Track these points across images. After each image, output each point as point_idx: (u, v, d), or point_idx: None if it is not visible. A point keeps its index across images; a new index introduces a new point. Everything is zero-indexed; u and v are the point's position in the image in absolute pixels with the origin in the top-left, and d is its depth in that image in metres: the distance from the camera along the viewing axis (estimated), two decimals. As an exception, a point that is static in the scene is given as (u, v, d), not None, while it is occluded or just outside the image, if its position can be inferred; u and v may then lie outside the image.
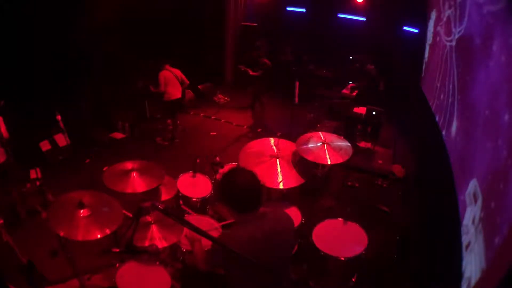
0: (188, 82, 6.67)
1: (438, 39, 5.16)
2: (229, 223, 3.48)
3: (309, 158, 3.49)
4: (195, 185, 3.91)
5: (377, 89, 8.01)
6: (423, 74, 6.52)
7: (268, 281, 2.05)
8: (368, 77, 8.19)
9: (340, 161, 3.55)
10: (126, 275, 2.74)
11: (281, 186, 3.38)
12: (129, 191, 3.16)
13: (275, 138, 3.81)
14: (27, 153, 5.63)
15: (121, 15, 7.04)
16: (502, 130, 2.19)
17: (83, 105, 7.04)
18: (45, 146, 5.82)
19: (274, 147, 3.69)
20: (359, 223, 3.37)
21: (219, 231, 3.23)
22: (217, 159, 4.01)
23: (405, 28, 8.22)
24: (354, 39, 8.92)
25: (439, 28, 5.17)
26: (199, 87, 8.76)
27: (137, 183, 3.22)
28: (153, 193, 3.39)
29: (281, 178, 3.41)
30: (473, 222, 2.47)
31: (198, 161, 4.11)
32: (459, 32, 3.81)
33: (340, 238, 3.26)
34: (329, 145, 3.63)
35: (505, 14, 2.42)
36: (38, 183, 4.92)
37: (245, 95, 8.17)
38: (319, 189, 4.70)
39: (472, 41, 3.25)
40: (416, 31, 7.90)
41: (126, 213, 2.88)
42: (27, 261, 3.45)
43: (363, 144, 6.52)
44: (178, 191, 3.74)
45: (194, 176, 4.01)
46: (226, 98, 9.00)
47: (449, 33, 4.30)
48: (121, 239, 2.90)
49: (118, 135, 7.03)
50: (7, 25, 5.60)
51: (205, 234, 1.86)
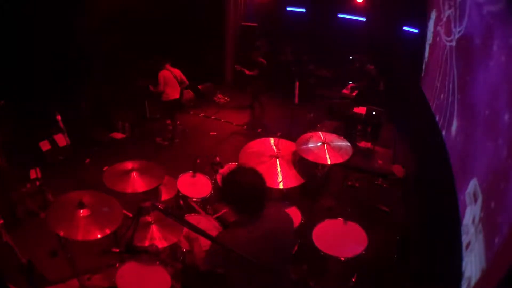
0: (187, 82, 6.66)
1: (438, 39, 5.16)
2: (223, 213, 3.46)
3: (309, 158, 3.49)
4: (195, 185, 3.91)
5: (377, 89, 8.00)
6: (423, 74, 6.52)
7: (268, 281, 2.05)
8: (368, 77, 8.18)
9: (340, 161, 3.55)
10: (126, 275, 2.74)
11: (281, 186, 3.37)
12: (129, 191, 3.16)
13: (275, 138, 3.81)
14: (27, 153, 5.64)
15: (121, 15, 7.05)
16: (502, 130, 2.19)
17: (83, 105, 7.04)
18: (45, 146, 5.81)
19: (274, 147, 3.69)
20: (359, 223, 3.37)
21: (219, 230, 3.23)
22: (217, 159, 4.01)
23: (405, 28, 8.22)
24: (354, 39, 8.92)
25: (439, 28, 5.17)
26: (199, 87, 8.75)
27: (137, 183, 3.22)
28: (153, 193, 3.40)
29: (281, 178, 3.41)
30: (473, 222, 2.47)
31: (198, 161, 4.11)
32: (459, 32, 3.81)
33: (340, 238, 3.26)
34: (329, 145, 3.63)
35: (505, 14, 2.42)
36: (38, 183, 4.92)
37: (245, 95, 8.18)
38: (319, 189, 4.69)
39: (472, 41, 3.25)
40: (416, 31, 7.90)
41: (126, 213, 2.88)
42: (27, 261, 3.44)
43: (363, 144, 6.52)
44: (178, 191, 3.74)
45: (194, 176, 4.01)
46: (226, 98, 9.00)
47: (449, 33, 4.30)
48: (121, 239, 2.90)
49: (118, 135, 7.02)
50: (7, 25, 5.61)
51: (205, 234, 1.86)
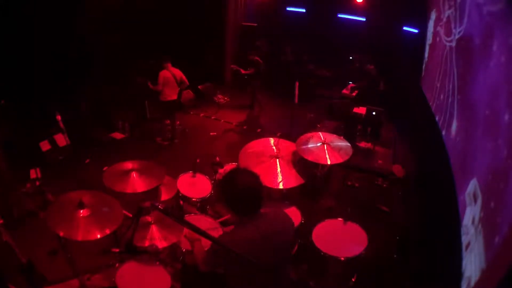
0: (188, 83, 6.67)
1: (438, 39, 5.16)
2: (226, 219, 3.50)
3: (309, 158, 3.49)
4: (195, 185, 3.91)
5: (377, 89, 8.01)
6: (423, 74, 6.53)
7: (268, 281, 2.05)
8: (368, 77, 8.19)
9: (340, 161, 3.55)
10: (126, 275, 2.74)
11: (281, 186, 3.37)
12: (129, 191, 3.17)
13: (275, 138, 3.81)
14: (27, 153, 5.64)
15: (121, 15, 7.05)
16: (502, 130, 2.19)
17: (83, 105, 7.04)
18: (45, 146, 5.81)
19: (274, 147, 3.69)
20: (359, 223, 3.37)
21: (219, 230, 3.23)
22: (217, 159, 4.01)
23: (405, 28, 8.23)
24: (354, 39, 8.93)
25: (439, 28, 5.17)
26: (199, 87, 8.75)
27: (137, 183, 3.22)
28: (153, 193, 3.40)
29: (281, 178, 3.41)
30: (473, 222, 2.47)
31: (198, 161, 4.11)
32: (459, 32, 3.81)
33: (340, 238, 3.26)
34: (329, 145, 3.63)
35: (505, 14, 2.42)
36: (38, 183, 4.92)
37: (245, 95, 8.19)
38: (319, 189, 4.69)
39: (472, 41, 3.25)
40: (416, 31, 7.90)
41: (126, 213, 2.88)
42: (27, 261, 3.44)
43: (363, 144, 6.52)
44: (178, 191, 3.74)
45: (194, 176, 4.01)
46: (226, 98, 9.00)
47: (449, 33, 4.29)
48: (121, 239, 2.91)
49: (118, 135, 7.03)
50: (7, 25, 5.60)
51: (205, 234, 1.85)
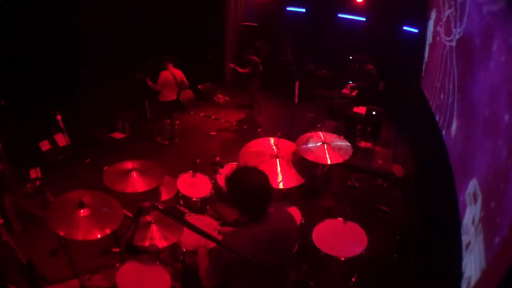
0: (188, 84, 6.68)
1: (438, 39, 5.16)
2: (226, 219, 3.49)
3: (309, 158, 3.48)
4: (195, 185, 3.91)
5: (377, 89, 8.01)
6: (423, 74, 6.52)
7: (269, 281, 2.05)
8: (368, 77, 8.18)
9: (340, 161, 3.54)
10: (126, 275, 2.73)
11: (281, 186, 3.36)
12: (129, 191, 3.16)
13: (275, 138, 3.81)
14: (27, 153, 5.64)
15: (121, 15, 7.04)
16: (502, 130, 2.19)
17: (83, 105, 7.04)
18: (45, 146, 5.81)
19: (274, 147, 3.68)
20: (359, 223, 3.37)
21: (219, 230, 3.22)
22: (217, 159, 4.01)
23: (405, 28, 8.23)
24: (354, 39, 8.93)
25: (439, 28, 5.17)
26: (199, 87, 8.75)
27: (137, 183, 3.22)
28: (153, 193, 3.40)
29: (281, 178, 3.40)
30: (473, 222, 2.47)
31: (198, 161, 4.11)
32: (459, 32, 3.81)
33: (340, 238, 3.26)
34: (329, 145, 3.63)
35: (505, 14, 2.42)
36: (38, 183, 4.92)
37: (245, 95, 8.19)
38: (319, 189, 4.69)
39: (472, 41, 3.25)
40: (416, 31, 7.90)
41: (126, 213, 2.88)
42: (27, 261, 3.44)
43: (363, 144, 6.52)
44: (178, 191, 3.75)
45: (194, 176, 4.01)
46: (226, 98, 9.00)
47: (449, 33, 4.29)
48: (121, 239, 2.91)
49: (118, 135, 7.03)
50: (7, 25, 5.60)
51: (207, 235, 1.83)
